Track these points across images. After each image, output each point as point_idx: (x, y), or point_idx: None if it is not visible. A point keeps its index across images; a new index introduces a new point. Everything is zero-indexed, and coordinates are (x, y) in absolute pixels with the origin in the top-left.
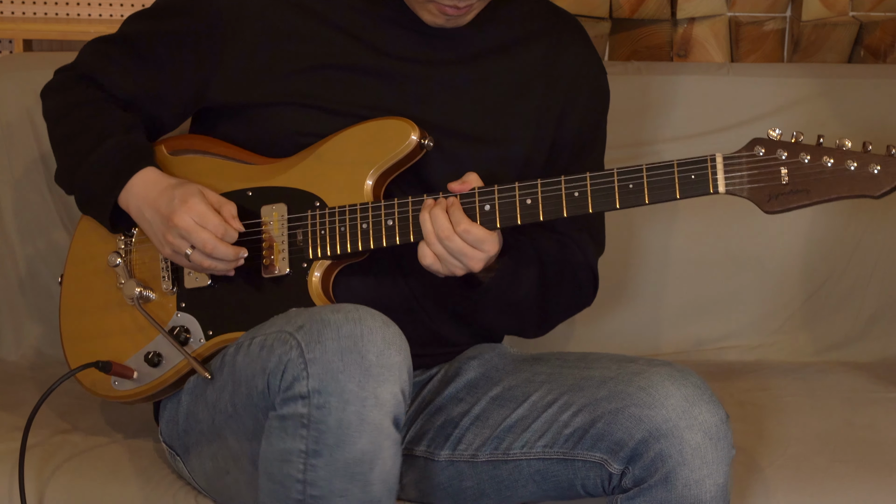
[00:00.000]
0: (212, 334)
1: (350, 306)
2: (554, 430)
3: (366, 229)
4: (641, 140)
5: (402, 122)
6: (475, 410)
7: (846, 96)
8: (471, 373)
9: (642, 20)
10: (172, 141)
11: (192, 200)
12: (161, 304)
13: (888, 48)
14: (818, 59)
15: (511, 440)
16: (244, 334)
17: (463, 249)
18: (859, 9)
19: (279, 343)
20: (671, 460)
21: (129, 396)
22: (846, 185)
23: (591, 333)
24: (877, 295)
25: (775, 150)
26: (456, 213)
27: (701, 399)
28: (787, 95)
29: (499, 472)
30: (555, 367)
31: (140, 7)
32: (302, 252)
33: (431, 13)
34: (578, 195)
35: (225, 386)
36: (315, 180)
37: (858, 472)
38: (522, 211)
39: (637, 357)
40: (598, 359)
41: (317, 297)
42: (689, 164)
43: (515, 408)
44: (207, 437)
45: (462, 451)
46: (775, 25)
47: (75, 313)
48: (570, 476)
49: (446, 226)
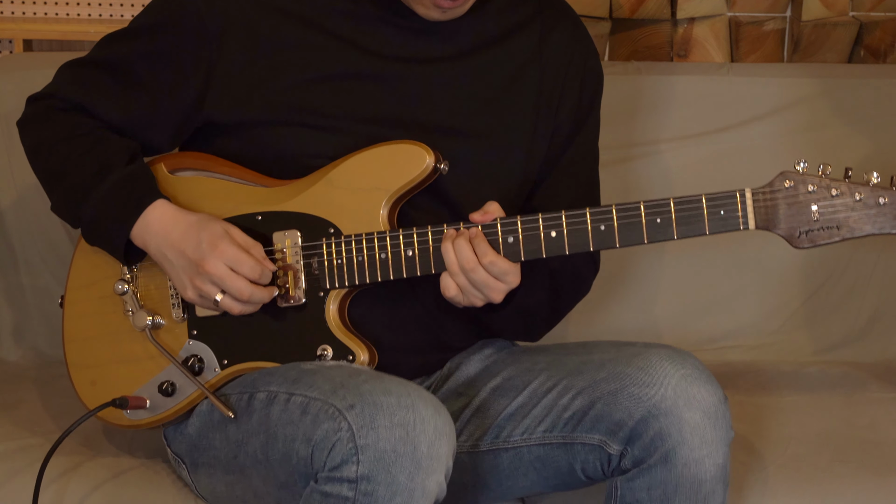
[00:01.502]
0: (227, 363)
1: (401, 387)
2: (554, 415)
3: (385, 259)
4: (641, 140)
5: (417, 146)
6: (475, 402)
7: (846, 96)
8: (471, 367)
9: (642, 20)
10: (172, 158)
11: (222, 245)
12: (171, 331)
13: (888, 48)
14: (818, 59)
15: (511, 428)
16: (275, 381)
17: (487, 281)
18: (859, 9)
19: (326, 417)
20: (671, 439)
21: (142, 425)
22: (877, 222)
23: (590, 333)
24: (877, 295)
25: (804, 185)
26: (481, 245)
27: (699, 378)
28: (787, 95)
29: (499, 461)
30: (555, 355)
31: (140, 7)
32: (318, 281)
33: (426, 6)
34: (605, 229)
35: (255, 433)
36: (328, 206)
37: (858, 472)
38: (547, 244)
39: (635, 342)
40: (597, 344)
41: (336, 328)
42: (718, 198)
43: (515, 396)
44: (224, 466)
45: (462, 443)
46: (775, 25)
47: (80, 340)
48: (570, 460)
49: (471, 257)
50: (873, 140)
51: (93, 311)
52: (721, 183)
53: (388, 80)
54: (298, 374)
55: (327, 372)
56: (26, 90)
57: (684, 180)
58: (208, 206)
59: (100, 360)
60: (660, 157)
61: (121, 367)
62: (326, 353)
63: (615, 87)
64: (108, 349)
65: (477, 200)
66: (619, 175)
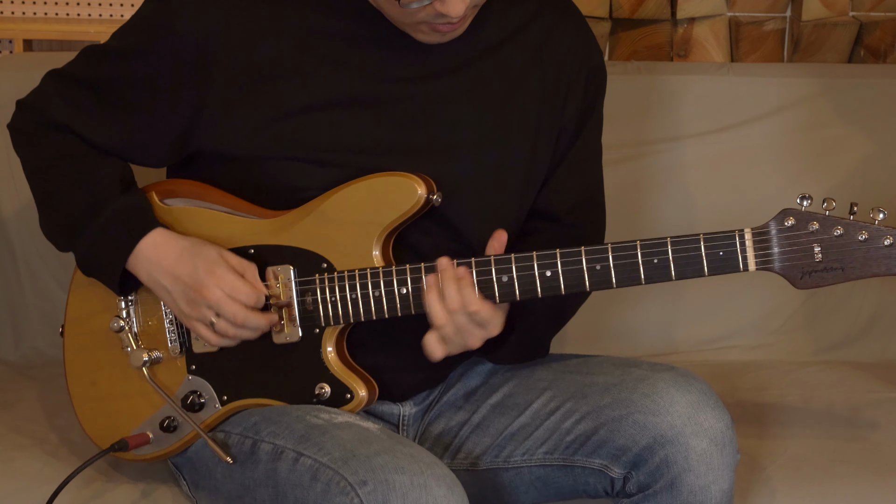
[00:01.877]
0: (227, 399)
1: (414, 463)
2: (556, 438)
3: (378, 297)
4: (641, 140)
5: (408, 179)
6: (475, 419)
7: (846, 96)
8: (472, 380)
9: (642, 20)
10: (163, 186)
11: (219, 271)
12: (170, 366)
13: (888, 48)
14: (818, 59)
15: (512, 448)
16: (280, 433)
17: (467, 327)
18: (859, 9)
19: (338, 491)
20: (676, 466)
21: (147, 459)
22: (882, 264)
23: (591, 335)
24: (877, 295)
25: (806, 223)
26: (465, 290)
27: (706, 405)
28: (787, 95)
29: (500, 479)
30: (556, 372)
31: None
32: (312, 318)
33: (425, 33)
34: (601, 269)
35: (262, 483)
36: (320, 240)
37: (858, 472)
38: (542, 283)
39: (639, 361)
40: (599, 363)
41: (333, 366)
42: (717, 239)
43: (517, 416)
44: (228, 501)
45: (462, 460)
46: (775, 25)
47: (82, 374)
48: (571, 482)
49: (456, 298)
50: (873, 140)
51: (92, 346)
52: (721, 183)
53: (384, 104)
54: (306, 431)
55: (336, 433)
56: (26, 90)
57: (684, 180)
58: (200, 237)
59: (102, 394)
60: (660, 157)
61: (123, 401)
62: (324, 392)
63: (615, 87)
64: (109, 384)
65: (478, 215)
66: (619, 175)
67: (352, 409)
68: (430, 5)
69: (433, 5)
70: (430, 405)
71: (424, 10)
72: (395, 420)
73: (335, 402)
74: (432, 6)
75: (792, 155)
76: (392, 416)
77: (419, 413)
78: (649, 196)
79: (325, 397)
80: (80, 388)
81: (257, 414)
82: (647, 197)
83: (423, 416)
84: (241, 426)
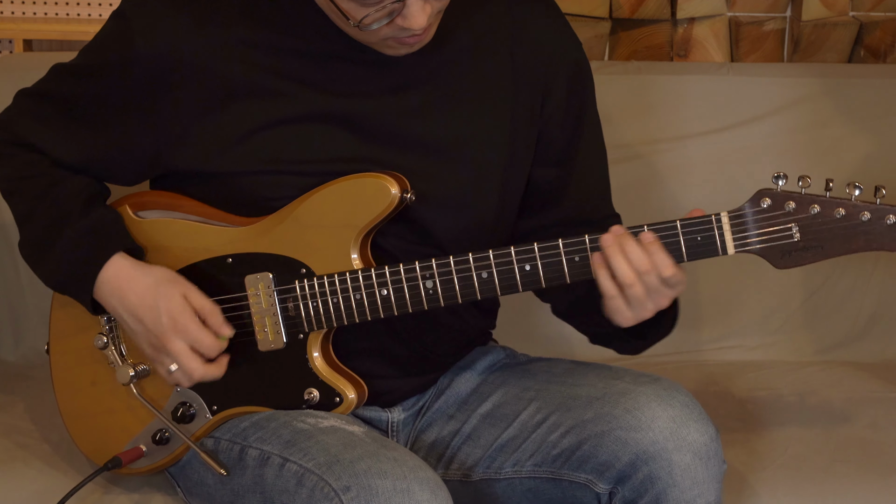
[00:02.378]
0: (217, 409)
1: (397, 467)
2: (543, 451)
3: (360, 300)
4: (641, 140)
5: (380, 179)
6: (465, 429)
7: (846, 96)
8: (462, 386)
9: (642, 20)
10: (136, 198)
11: (183, 320)
12: (158, 378)
13: (888, 48)
14: (818, 59)
15: (503, 459)
16: (268, 439)
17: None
18: (859, 9)
19: (322, 496)
20: (661, 482)
21: (142, 472)
22: (862, 239)
23: None
24: (877, 295)
25: (783, 203)
26: (659, 254)
27: (689, 418)
28: (787, 95)
29: (493, 490)
30: (542, 382)
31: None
32: (295, 323)
33: (393, 47)
34: (579, 260)
35: (251, 490)
36: (297, 245)
37: (858, 472)
38: (522, 278)
39: (624, 371)
40: (584, 374)
41: (320, 370)
42: (694, 224)
43: (506, 427)
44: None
45: (455, 471)
46: (775, 25)
47: (70, 391)
48: (561, 494)
49: (645, 260)
50: (873, 140)
51: (78, 363)
52: (721, 183)
53: (357, 119)
54: (292, 436)
55: (322, 438)
56: None
57: (684, 180)
58: (176, 249)
59: (92, 410)
60: (659, 157)
61: (113, 417)
62: (313, 397)
63: (615, 87)
64: (98, 400)
65: (454, 220)
66: (619, 175)
67: (342, 411)
68: (392, 22)
69: (395, 21)
70: (420, 411)
71: (387, 28)
72: (383, 426)
73: (325, 405)
74: (394, 23)
75: (792, 155)
76: (381, 421)
77: (409, 419)
78: (649, 196)
79: (314, 402)
80: (70, 405)
81: (246, 420)
82: (647, 197)
83: (413, 422)
84: (231, 432)
